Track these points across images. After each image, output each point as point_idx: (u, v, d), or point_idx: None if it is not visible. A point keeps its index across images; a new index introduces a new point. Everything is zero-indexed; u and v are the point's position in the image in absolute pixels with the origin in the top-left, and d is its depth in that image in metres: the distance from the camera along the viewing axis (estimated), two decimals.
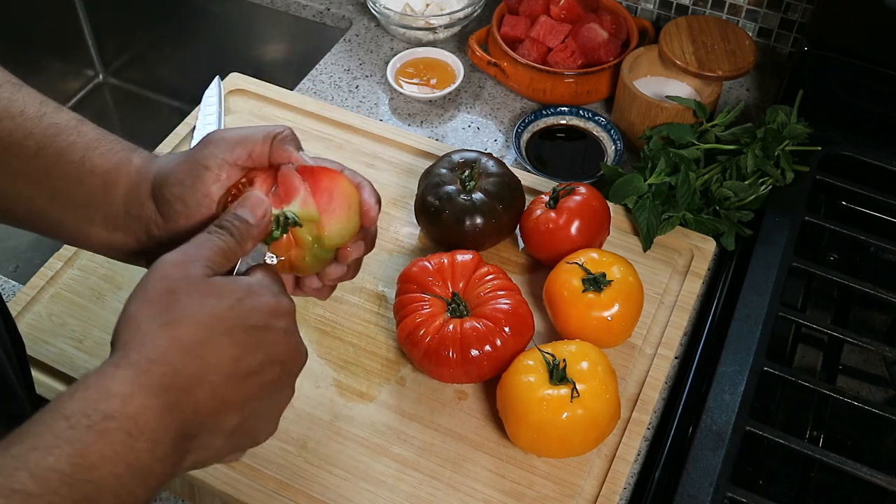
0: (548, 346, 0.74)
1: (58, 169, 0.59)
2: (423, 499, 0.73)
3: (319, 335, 0.84)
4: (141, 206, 0.60)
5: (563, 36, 1.09)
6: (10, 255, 1.28)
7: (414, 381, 0.80)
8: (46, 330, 0.83)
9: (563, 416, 0.70)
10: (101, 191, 0.60)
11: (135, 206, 0.60)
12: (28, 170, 0.59)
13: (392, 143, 1.01)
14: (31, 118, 0.60)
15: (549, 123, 1.07)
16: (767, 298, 0.83)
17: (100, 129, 0.62)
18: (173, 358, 0.48)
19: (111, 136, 0.62)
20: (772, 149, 0.92)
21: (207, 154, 0.59)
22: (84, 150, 0.60)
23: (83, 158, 0.59)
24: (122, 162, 0.60)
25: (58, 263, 0.88)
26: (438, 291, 0.79)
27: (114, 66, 1.56)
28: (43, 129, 0.60)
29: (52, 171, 0.59)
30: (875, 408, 0.77)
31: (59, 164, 0.59)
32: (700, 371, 0.81)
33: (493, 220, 0.85)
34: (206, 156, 0.58)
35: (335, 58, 1.18)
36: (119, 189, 0.60)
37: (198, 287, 0.51)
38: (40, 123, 0.60)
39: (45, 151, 0.59)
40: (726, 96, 1.12)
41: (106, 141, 0.61)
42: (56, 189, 0.60)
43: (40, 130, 0.59)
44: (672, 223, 0.90)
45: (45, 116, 0.60)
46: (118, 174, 0.60)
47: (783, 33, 1.13)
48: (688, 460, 0.72)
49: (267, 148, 0.59)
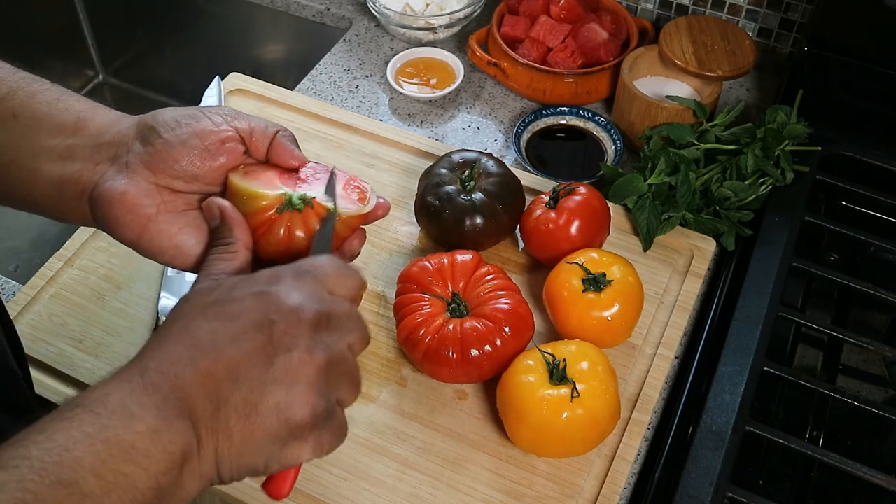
0: (548, 346, 0.74)
1: (27, 108, 0.58)
2: (423, 499, 0.73)
3: None
4: (118, 133, 0.58)
5: (563, 36, 1.09)
6: (10, 255, 1.28)
7: (414, 381, 0.80)
8: (46, 330, 0.83)
9: (563, 416, 0.70)
10: (72, 125, 0.58)
11: (110, 134, 0.58)
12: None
13: (392, 143, 1.01)
14: (5, 69, 0.59)
15: (549, 123, 1.07)
16: (767, 298, 0.83)
17: None
18: (145, 350, 0.48)
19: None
20: (772, 149, 0.92)
21: (211, 109, 0.59)
22: (59, 94, 0.59)
23: (58, 99, 0.59)
24: (99, 106, 0.60)
25: (58, 263, 0.88)
26: (438, 291, 0.79)
27: (114, 66, 1.56)
28: (16, 78, 0.59)
29: (19, 111, 0.58)
30: (875, 408, 0.77)
31: (29, 103, 0.58)
32: (700, 371, 0.81)
33: (493, 220, 0.85)
34: (208, 110, 0.59)
35: (335, 58, 1.18)
36: (94, 122, 0.58)
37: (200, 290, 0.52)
38: (14, 75, 0.59)
39: (15, 94, 0.58)
40: (726, 96, 1.12)
41: (81, 95, 0.61)
42: (21, 127, 0.58)
43: (14, 80, 0.59)
44: (672, 223, 0.90)
45: (18, 72, 0.60)
46: (95, 112, 0.59)
47: (783, 33, 1.13)
48: (688, 460, 0.73)
49: (268, 139, 0.59)
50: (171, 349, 0.48)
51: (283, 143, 0.60)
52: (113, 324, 0.84)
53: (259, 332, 0.48)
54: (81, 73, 1.55)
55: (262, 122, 0.60)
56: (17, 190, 0.59)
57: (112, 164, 0.57)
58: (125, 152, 0.57)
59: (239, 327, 0.48)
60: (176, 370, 0.47)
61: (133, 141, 0.58)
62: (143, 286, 0.87)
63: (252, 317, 0.49)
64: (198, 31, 1.45)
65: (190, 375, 0.47)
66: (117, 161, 0.57)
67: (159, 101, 1.54)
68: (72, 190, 0.57)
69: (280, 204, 0.58)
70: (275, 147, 0.60)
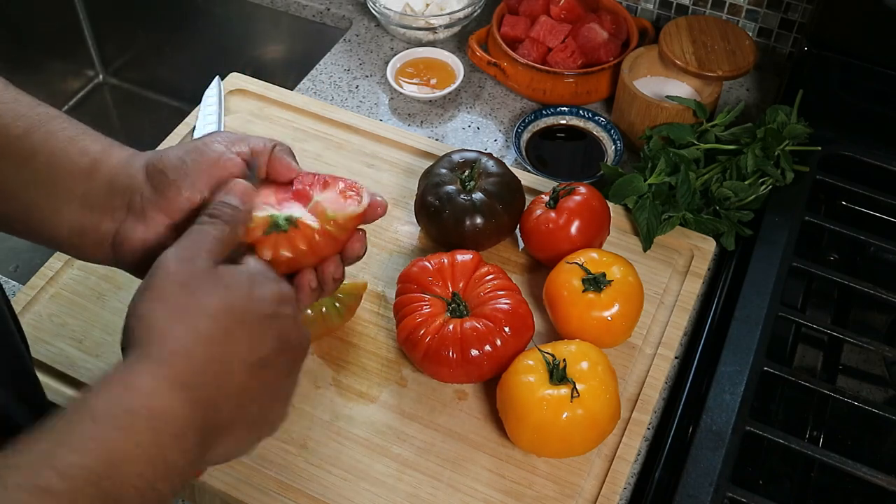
0: (548, 346, 0.74)
1: (45, 148, 0.59)
2: (423, 499, 0.73)
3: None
4: (130, 177, 0.59)
5: (563, 36, 1.09)
6: (10, 255, 1.28)
7: (414, 381, 0.80)
8: (46, 330, 0.83)
9: (563, 416, 0.70)
10: (89, 167, 0.59)
11: (122, 178, 0.59)
12: (12, 148, 0.59)
13: (392, 143, 1.01)
14: (24, 105, 0.60)
15: (549, 123, 1.07)
16: (767, 298, 0.83)
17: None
18: (195, 351, 0.48)
19: (100, 134, 0.63)
20: (772, 149, 0.92)
21: (211, 139, 0.60)
22: (75, 133, 0.60)
23: (73, 139, 0.60)
24: (113, 146, 0.61)
25: (58, 263, 0.88)
26: (438, 291, 0.79)
27: (114, 66, 1.56)
28: (35, 114, 0.60)
29: (37, 151, 0.59)
30: (875, 408, 0.77)
31: (46, 143, 0.59)
32: (700, 371, 0.81)
33: (493, 220, 0.85)
34: (208, 140, 0.60)
35: (335, 58, 1.18)
36: (106, 165, 0.60)
37: (207, 279, 0.51)
38: (33, 110, 0.60)
39: (33, 132, 0.59)
40: (726, 96, 1.12)
41: (96, 133, 0.62)
42: (38, 167, 0.59)
43: (32, 115, 0.60)
44: (672, 223, 0.90)
45: (38, 106, 0.61)
46: (109, 154, 0.60)
47: (783, 33, 1.13)
48: (688, 460, 0.72)
49: (267, 154, 0.60)
50: (216, 363, 0.49)
51: (279, 158, 0.61)
52: (113, 324, 0.84)
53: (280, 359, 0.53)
54: (81, 73, 1.54)
55: (259, 140, 0.61)
56: (40, 232, 0.61)
57: (128, 211, 0.59)
58: (139, 198, 0.59)
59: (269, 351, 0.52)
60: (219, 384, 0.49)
61: (144, 185, 0.59)
62: None
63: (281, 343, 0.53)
64: (198, 31, 1.44)
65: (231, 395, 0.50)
66: (132, 208, 0.59)
67: (159, 101, 1.54)
68: (93, 237, 0.60)
69: (266, 226, 0.59)
70: (272, 163, 0.61)
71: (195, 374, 0.48)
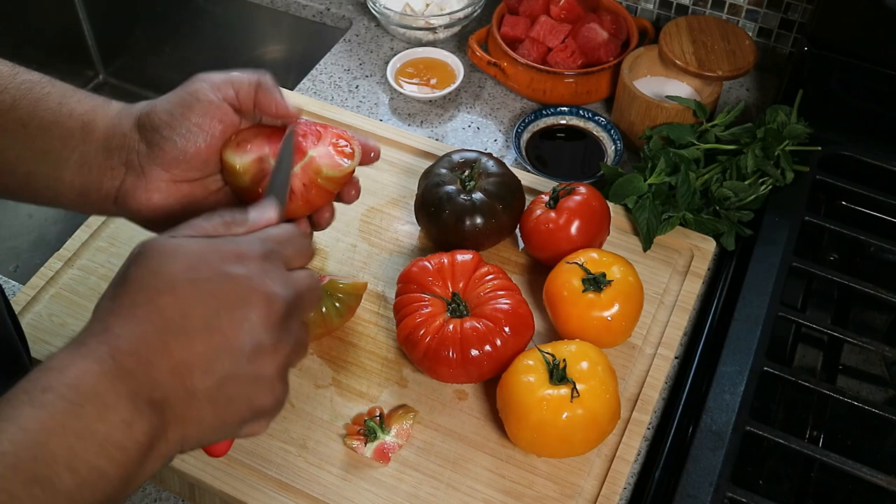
0: (548, 346, 0.74)
1: (34, 118, 0.59)
2: (423, 499, 0.73)
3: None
4: (123, 136, 0.60)
5: (563, 36, 1.09)
6: (10, 255, 1.28)
7: (414, 381, 0.80)
8: (46, 330, 0.83)
9: (563, 416, 0.70)
10: (80, 131, 0.60)
11: (116, 138, 0.60)
12: (3, 122, 0.59)
13: (392, 143, 1.01)
14: (5, 76, 0.61)
15: (549, 123, 1.07)
16: (767, 298, 0.83)
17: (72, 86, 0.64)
18: (112, 323, 0.46)
19: (84, 91, 0.64)
20: (772, 149, 0.92)
21: (197, 88, 0.60)
22: (60, 97, 0.61)
23: (60, 104, 0.60)
24: (99, 104, 0.62)
25: (58, 263, 0.88)
26: (438, 291, 0.79)
27: (114, 66, 1.56)
28: (17, 84, 0.60)
29: (27, 122, 0.59)
30: (875, 408, 0.77)
31: (35, 112, 0.60)
32: (700, 371, 0.81)
33: (493, 220, 0.85)
34: (196, 90, 0.60)
35: (335, 58, 1.18)
36: (98, 126, 0.61)
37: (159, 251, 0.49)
38: (14, 80, 0.61)
39: (20, 103, 0.60)
40: (726, 96, 1.12)
41: (80, 91, 0.63)
42: (31, 137, 0.60)
43: (15, 85, 0.60)
44: (672, 223, 0.90)
45: (18, 75, 0.61)
46: (96, 114, 0.61)
47: (783, 33, 1.13)
48: (688, 460, 0.73)
49: (253, 91, 0.61)
50: (142, 329, 0.46)
51: (265, 92, 0.61)
52: None
53: (231, 321, 0.47)
54: (81, 73, 1.54)
55: (243, 79, 0.62)
56: (44, 197, 0.62)
57: (127, 168, 0.60)
58: (135, 156, 0.60)
59: (211, 312, 0.47)
60: (149, 356, 0.46)
61: (138, 143, 0.60)
62: None
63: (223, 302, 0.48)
64: (198, 31, 1.44)
65: (164, 364, 0.46)
66: (131, 166, 0.60)
67: None
68: (95, 196, 0.60)
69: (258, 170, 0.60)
70: (259, 99, 0.61)
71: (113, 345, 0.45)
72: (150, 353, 0.46)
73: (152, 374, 0.45)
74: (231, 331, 0.47)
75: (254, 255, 0.50)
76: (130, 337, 0.46)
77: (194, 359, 0.46)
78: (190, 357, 0.46)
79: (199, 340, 0.47)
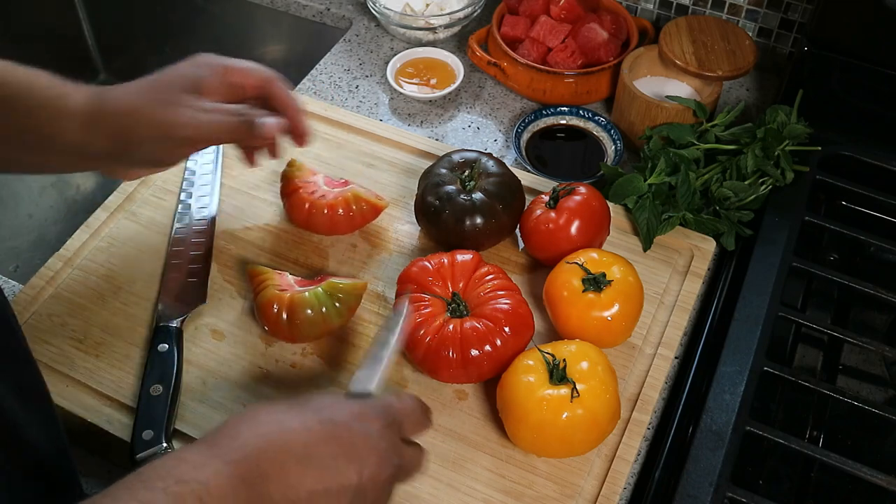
0: (548, 346, 0.74)
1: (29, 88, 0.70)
2: (423, 499, 0.73)
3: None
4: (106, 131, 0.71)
5: (563, 36, 1.09)
6: (10, 255, 1.28)
7: (414, 381, 0.80)
8: (46, 330, 0.83)
9: (563, 416, 0.70)
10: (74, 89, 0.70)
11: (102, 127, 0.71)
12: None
13: (392, 143, 1.01)
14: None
15: (549, 123, 1.07)
16: (767, 298, 0.83)
17: None
18: (247, 438, 0.51)
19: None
20: (772, 149, 0.92)
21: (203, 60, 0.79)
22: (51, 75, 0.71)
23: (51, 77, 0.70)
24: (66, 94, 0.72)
25: (58, 263, 0.88)
26: (438, 291, 0.79)
27: (114, 66, 1.56)
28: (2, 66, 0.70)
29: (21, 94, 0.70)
30: (875, 408, 0.77)
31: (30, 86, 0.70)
32: (700, 371, 0.81)
33: (493, 220, 0.85)
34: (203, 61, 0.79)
35: (335, 58, 1.18)
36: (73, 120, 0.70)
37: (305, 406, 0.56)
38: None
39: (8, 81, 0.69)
40: (726, 96, 1.12)
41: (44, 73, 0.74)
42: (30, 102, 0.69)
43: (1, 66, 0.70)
44: (672, 223, 0.90)
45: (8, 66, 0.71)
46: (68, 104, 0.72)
47: (783, 33, 1.13)
48: (688, 460, 0.73)
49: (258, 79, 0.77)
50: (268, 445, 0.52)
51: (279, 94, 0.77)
52: (113, 324, 0.84)
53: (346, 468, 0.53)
54: (81, 73, 1.55)
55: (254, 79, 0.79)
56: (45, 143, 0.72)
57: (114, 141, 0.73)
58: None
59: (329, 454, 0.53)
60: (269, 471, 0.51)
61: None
62: (142, 286, 0.87)
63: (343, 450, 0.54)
64: (198, 32, 1.44)
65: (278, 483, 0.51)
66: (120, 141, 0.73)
67: None
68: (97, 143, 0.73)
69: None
70: (273, 100, 0.77)
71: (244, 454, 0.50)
72: (270, 468, 0.51)
73: (268, 488, 0.50)
74: (342, 477, 0.53)
75: (377, 419, 0.56)
76: (258, 449, 0.51)
77: (303, 487, 0.51)
78: (301, 483, 0.51)
79: (312, 475, 0.52)
